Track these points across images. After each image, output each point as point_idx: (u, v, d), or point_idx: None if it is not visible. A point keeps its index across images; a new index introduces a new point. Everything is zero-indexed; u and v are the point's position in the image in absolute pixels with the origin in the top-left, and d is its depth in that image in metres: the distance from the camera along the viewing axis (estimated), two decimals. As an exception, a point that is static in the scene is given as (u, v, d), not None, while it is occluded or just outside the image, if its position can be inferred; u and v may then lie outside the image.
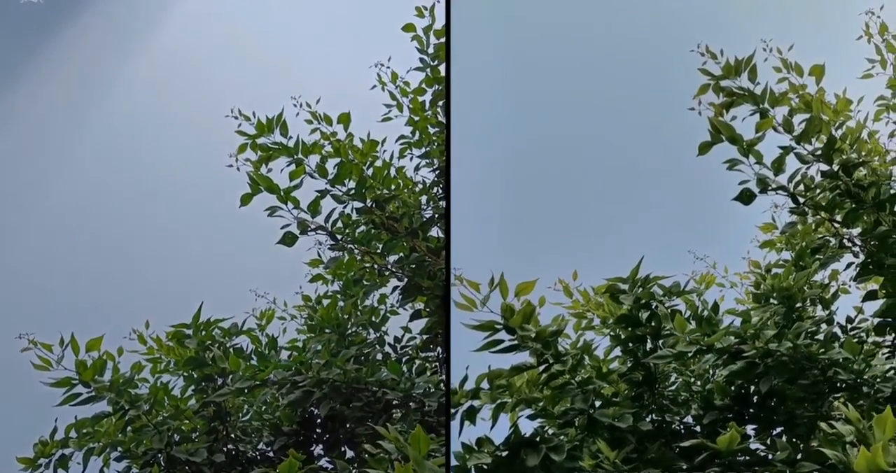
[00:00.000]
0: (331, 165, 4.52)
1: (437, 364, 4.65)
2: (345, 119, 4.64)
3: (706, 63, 3.83)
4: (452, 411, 3.53)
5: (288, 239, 4.44)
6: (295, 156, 4.49)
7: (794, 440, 3.57)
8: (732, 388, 3.63)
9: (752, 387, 3.60)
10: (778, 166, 3.76)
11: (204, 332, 4.40)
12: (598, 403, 3.52)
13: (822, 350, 3.52)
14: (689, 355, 3.53)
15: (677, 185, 4.56)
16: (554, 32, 4.75)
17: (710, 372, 3.73)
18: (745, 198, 3.75)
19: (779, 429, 3.63)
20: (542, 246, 4.58)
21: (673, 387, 3.80)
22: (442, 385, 4.54)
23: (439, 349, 4.64)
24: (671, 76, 4.43)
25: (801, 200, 3.78)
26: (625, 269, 3.74)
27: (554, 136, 4.77)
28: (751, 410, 3.61)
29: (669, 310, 3.58)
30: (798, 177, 3.79)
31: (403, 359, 4.74)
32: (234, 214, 4.49)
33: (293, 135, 4.53)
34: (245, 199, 4.39)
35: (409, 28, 4.78)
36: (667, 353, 3.43)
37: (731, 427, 3.06)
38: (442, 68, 4.74)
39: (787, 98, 3.81)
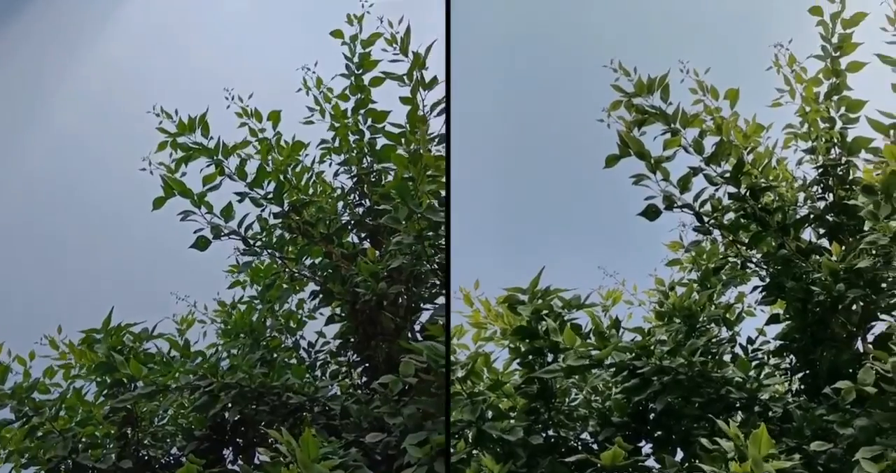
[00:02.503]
0: (250, 167, 4.35)
1: (348, 368, 4.47)
2: (274, 117, 4.49)
3: (618, 79, 3.75)
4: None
5: (201, 244, 4.29)
6: (215, 158, 4.33)
7: (692, 459, 3.42)
8: (630, 406, 3.48)
9: (650, 405, 3.46)
10: (684, 184, 3.69)
11: (114, 337, 4.20)
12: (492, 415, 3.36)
13: (716, 368, 3.38)
14: (582, 369, 3.37)
15: (600, 200, 4.41)
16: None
17: (610, 387, 3.58)
18: (651, 213, 3.67)
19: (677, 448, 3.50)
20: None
21: (575, 403, 3.65)
22: (351, 389, 4.40)
23: (350, 352, 4.46)
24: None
25: (706, 220, 3.70)
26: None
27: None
28: (648, 428, 3.49)
29: (569, 324, 3.43)
30: (704, 197, 3.73)
31: (318, 364, 4.56)
32: (158, 216, 4.29)
33: (223, 129, 4.36)
34: (158, 203, 4.23)
35: (337, 34, 4.63)
36: (556, 367, 3.28)
37: (616, 443, 2.91)
38: (366, 77, 4.59)
39: (700, 119, 3.75)
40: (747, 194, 3.67)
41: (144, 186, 4.27)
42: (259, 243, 4.39)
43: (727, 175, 3.68)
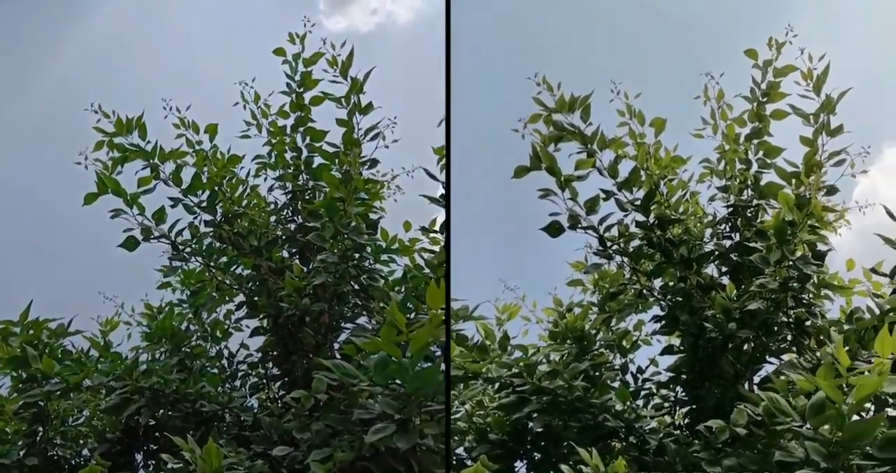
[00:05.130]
0: (187, 174, 4.32)
1: (266, 381, 4.44)
2: (212, 130, 4.45)
3: (541, 93, 3.66)
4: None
5: (129, 244, 4.20)
6: (151, 161, 4.27)
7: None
8: (509, 424, 3.44)
9: (530, 425, 3.40)
10: (591, 206, 3.60)
11: (32, 331, 4.11)
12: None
13: (597, 394, 3.36)
14: (456, 381, 3.35)
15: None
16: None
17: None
18: (554, 230, 3.57)
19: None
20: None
21: (456, 416, 3.62)
22: (268, 401, 4.37)
23: (270, 365, 4.44)
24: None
25: (609, 244, 3.62)
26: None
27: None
28: (527, 448, 3.44)
29: (455, 334, 3.41)
30: (611, 221, 3.66)
31: (238, 374, 4.53)
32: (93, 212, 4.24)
33: (163, 135, 4.33)
34: (89, 199, 4.13)
35: (279, 52, 4.58)
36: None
37: (480, 461, 2.88)
38: (307, 96, 4.56)
39: (620, 142, 3.67)
40: (655, 224, 3.61)
41: (84, 180, 4.24)
42: (188, 249, 4.34)
43: (638, 202, 3.61)
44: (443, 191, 3.94)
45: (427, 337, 3.05)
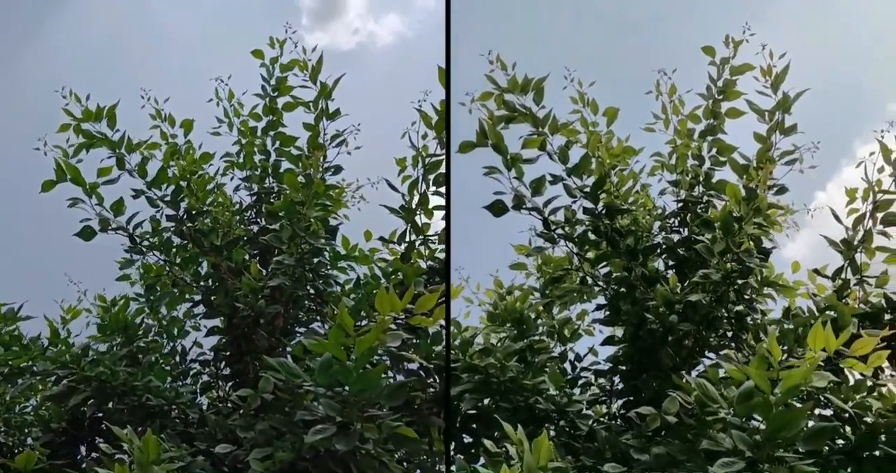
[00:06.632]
0: (153, 167, 4.29)
1: (216, 380, 4.39)
2: (187, 125, 4.43)
3: (494, 71, 3.58)
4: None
5: (86, 234, 4.15)
6: (117, 151, 4.23)
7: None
8: None
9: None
10: (537, 187, 3.51)
11: (-19, 315, 4.05)
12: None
13: (530, 377, 3.28)
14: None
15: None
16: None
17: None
18: (497, 209, 3.48)
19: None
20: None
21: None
22: (218, 401, 4.33)
23: (222, 365, 4.40)
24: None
25: (554, 227, 3.53)
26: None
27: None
28: (456, 428, 3.34)
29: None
30: (556, 204, 3.58)
31: (190, 372, 4.48)
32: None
33: (133, 129, 4.31)
34: (47, 186, 4.08)
35: (258, 54, 4.57)
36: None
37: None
38: (280, 101, 4.56)
39: (571, 129, 3.59)
40: (603, 212, 3.54)
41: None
42: (147, 243, 4.29)
43: (587, 189, 3.54)
44: (402, 203, 3.97)
45: (373, 341, 3.05)
